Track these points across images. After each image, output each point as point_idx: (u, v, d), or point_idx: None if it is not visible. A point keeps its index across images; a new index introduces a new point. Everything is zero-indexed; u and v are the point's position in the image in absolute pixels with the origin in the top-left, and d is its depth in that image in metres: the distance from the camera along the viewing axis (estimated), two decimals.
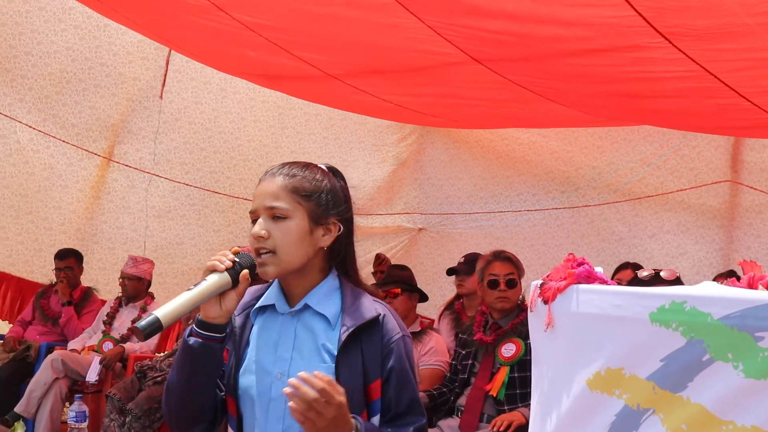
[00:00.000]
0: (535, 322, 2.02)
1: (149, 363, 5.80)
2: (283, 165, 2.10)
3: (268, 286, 2.14)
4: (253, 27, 4.51)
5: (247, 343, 2.07)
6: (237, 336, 2.07)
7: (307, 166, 2.11)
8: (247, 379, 2.03)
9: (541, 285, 1.99)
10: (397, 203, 8.19)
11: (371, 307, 2.02)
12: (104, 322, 6.53)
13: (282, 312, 2.06)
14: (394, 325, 2.03)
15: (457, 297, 5.87)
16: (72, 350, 6.26)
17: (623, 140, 6.91)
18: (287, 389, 1.78)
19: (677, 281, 3.60)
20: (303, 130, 7.77)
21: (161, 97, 7.24)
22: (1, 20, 6.62)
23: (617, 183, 7.02)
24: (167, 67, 7.19)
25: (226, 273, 1.92)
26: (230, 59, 5.68)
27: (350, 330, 1.96)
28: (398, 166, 8.00)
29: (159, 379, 5.61)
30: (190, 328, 2.00)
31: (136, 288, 6.54)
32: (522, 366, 4.18)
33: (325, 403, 1.77)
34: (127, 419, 5.37)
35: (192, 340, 1.95)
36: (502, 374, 4.20)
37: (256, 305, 2.11)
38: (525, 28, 3.81)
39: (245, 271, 1.94)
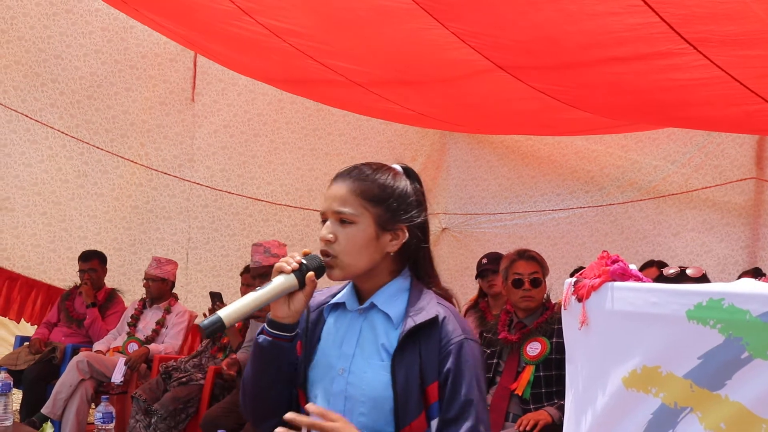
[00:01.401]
0: (569, 320, 2.00)
1: (174, 364, 5.82)
2: (355, 167, 2.10)
3: (346, 284, 2.16)
4: (279, 32, 4.53)
5: (318, 339, 2.11)
6: (309, 331, 2.11)
7: (380, 168, 2.10)
8: (314, 373, 2.07)
9: (575, 283, 1.97)
10: None
11: (433, 308, 2.00)
12: (129, 324, 6.55)
13: (351, 309, 2.09)
14: (455, 327, 1.99)
15: (482, 296, 5.86)
16: (97, 352, 6.28)
17: (647, 138, 6.89)
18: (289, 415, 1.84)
19: (704, 278, 3.57)
20: (333, 131, 7.81)
21: (193, 100, 7.26)
22: (29, 24, 6.66)
23: (641, 181, 6.99)
24: (195, 68, 7.21)
25: (292, 275, 1.96)
26: (254, 63, 5.70)
27: (408, 330, 1.96)
28: (423, 167, 8.02)
29: (184, 379, 5.63)
30: (261, 326, 2.04)
31: (160, 289, 6.56)
32: (547, 365, 4.16)
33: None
34: (153, 420, 5.40)
35: (262, 338, 2.02)
36: (528, 373, 4.18)
37: (331, 302, 2.14)
38: (550, 37, 3.81)
39: (311, 273, 1.97)
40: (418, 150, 8.05)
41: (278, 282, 1.94)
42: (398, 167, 2.14)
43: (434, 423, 1.95)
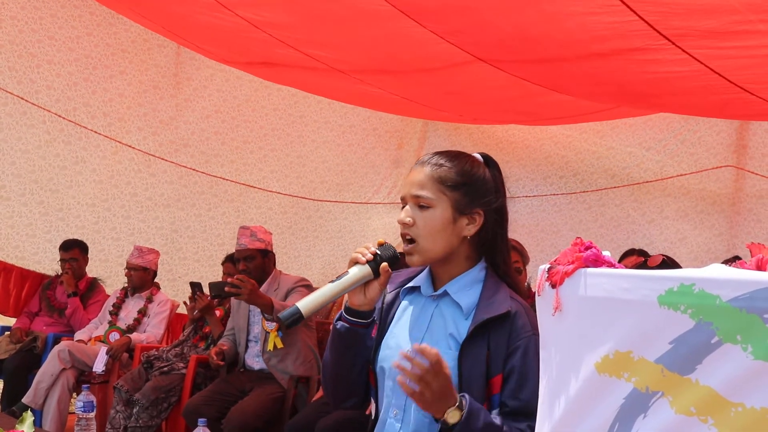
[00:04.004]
0: (542, 306, 2.02)
1: (156, 353, 5.83)
2: (434, 154, 2.16)
3: (424, 268, 2.20)
4: (258, 24, 4.54)
5: (392, 320, 2.17)
6: (384, 311, 2.18)
7: (458, 156, 2.16)
8: (384, 352, 2.14)
9: (549, 269, 1.99)
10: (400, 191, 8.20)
11: (505, 302, 2.05)
12: (110, 313, 6.55)
13: (425, 295, 2.14)
14: (525, 323, 2.03)
15: None
16: (78, 341, 6.28)
17: (623, 125, 6.88)
18: (396, 361, 1.87)
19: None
20: (319, 119, 7.81)
21: (179, 85, 7.22)
22: (19, 4, 6.56)
23: (616, 168, 7.00)
24: (180, 54, 7.17)
25: (367, 265, 2.04)
26: (233, 51, 5.69)
27: (478, 322, 2.00)
28: (403, 154, 8.02)
29: (165, 369, 5.64)
30: (340, 312, 2.12)
31: (142, 278, 6.55)
32: None
33: (434, 373, 1.84)
34: (135, 410, 5.40)
35: (339, 324, 2.11)
36: None
37: (407, 285, 2.19)
38: (531, 36, 3.85)
39: (384, 264, 2.04)
40: (404, 138, 8.05)
41: (354, 273, 2.03)
42: (478, 156, 2.19)
43: (494, 413, 1.99)
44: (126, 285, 6.68)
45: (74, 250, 6.77)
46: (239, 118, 7.65)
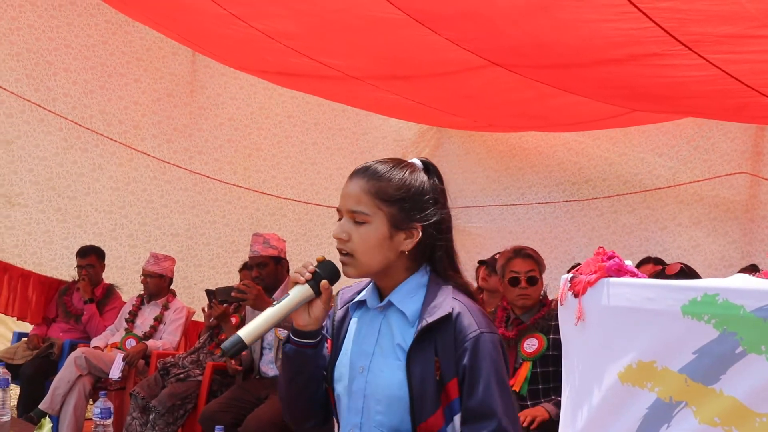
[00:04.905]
0: (565, 315, 2.03)
1: (172, 360, 5.84)
2: (370, 165, 2.07)
3: (370, 281, 2.15)
4: (272, 34, 4.58)
5: (344, 336, 2.12)
6: (336, 329, 2.14)
7: (396, 165, 2.07)
8: (339, 371, 2.08)
9: (572, 279, 2.00)
10: None
11: (447, 304, 1.97)
12: (126, 320, 6.56)
13: (372, 307, 2.09)
14: (470, 322, 1.95)
15: (479, 291, 5.88)
16: (95, 347, 6.30)
17: (636, 131, 6.84)
18: None
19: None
20: (333, 126, 7.82)
21: (194, 93, 7.25)
22: (36, 12, 6.61)
23: (628, 174, 6.96)
24: (194, 62, 7.21)
25: (307, 285, 1.99)
26: (249, 59, 5.73)
27: (421, 328, 1.95)
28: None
29: (181, 376, 5.66)
30: (287, 335, 2.08)
31: (158, 285, 6.56)
32: (544, 361, 4.19)
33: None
34: (151, 416, 5.42)
35: (287, 346, 2.06)
36: (525, 369, 4.20)
37: (355, 299, 2.15)
38: (545, 43, 3.85)
39: (324, 281, 1.99)
40: (418, 144, 8.07)
41: (294, 294, 1.99)
42: (418, 162, 2.12)
43: (457, 418, 1.94)
44: (142, 292, 6.70)
45: (91, 257, 6.79)
46: (253, 125, 7.68)
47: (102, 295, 6.83)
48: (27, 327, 7.22)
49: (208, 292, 5.89)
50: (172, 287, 6.72)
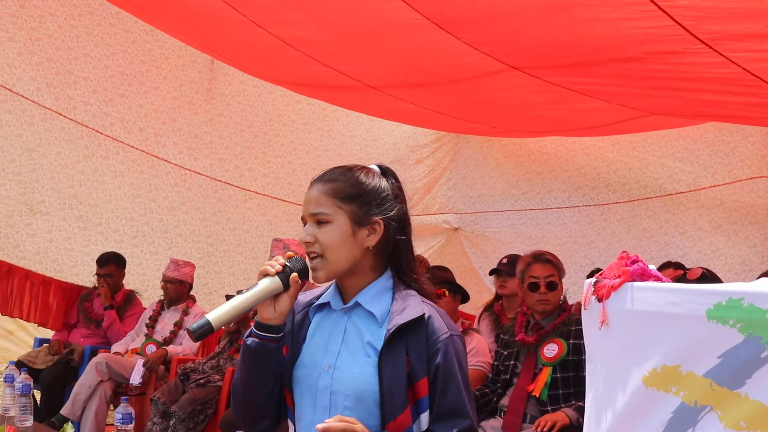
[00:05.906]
0: (588, 320, 2.03)
1: (192, 365, 5.87)
2: (326, 171, 2.19)
3: (329, 285, 2.21)
4: (291, 42, 4.59)
5: (304, 339, 2.17)
6: (295, 332, 2.17)
7: (350, 168, 2.18)
8: (300, 371, 2.12)
9: (595, 283, 2.00)
10: (433, 204, 8.23)
11: (418, 307, 2.07)
12: (147, 325, 6.61)
13: (336, 309, 2.15)
14: (441, 325, 2.06)
15: (497, 298, 5.87)
16: (116, 353, 6.34)
17: (655, 135, 6.83)
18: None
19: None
20: (346, 133, 7.85)
21: (211, 100, 7.29)
22: (56, 22, 6.69)
23: (648, 179, 6.94)
24: (213, 70, 7.25)
25: (276, 277, 2.03)
26: (268, 68, 5.75)
27: (394, 328, 2.01)
28: (434, 167, 8.04)
29: (202, 381, 5.68)
30: (250, 329, 2.11)
31: (178, 291, 6.61)
32: (564, 366, 4.19)
33: None
34: (171, 422, 5.45)
35: (250, 340, 2.09)
36: (545, 374, 4.21)
37: (316, 302, 2.20)
38: (564, 42, 3.84)
39: (294, 274, 2.04)
40: (430, 149, 8.07)
41: (263, 284, 2.02)
42: (374, 167, 2.21)
43: (424, 416, 2.02)
44: (162, 298, 6.74)
45: (110, 266, 6.83)
46: (270, 132, 7.72)
47: (122, 301, 6.88)
48: (48, 333, 7.27)
49: (228, 298, 5.91)
50: (192, 293, 6.75)
